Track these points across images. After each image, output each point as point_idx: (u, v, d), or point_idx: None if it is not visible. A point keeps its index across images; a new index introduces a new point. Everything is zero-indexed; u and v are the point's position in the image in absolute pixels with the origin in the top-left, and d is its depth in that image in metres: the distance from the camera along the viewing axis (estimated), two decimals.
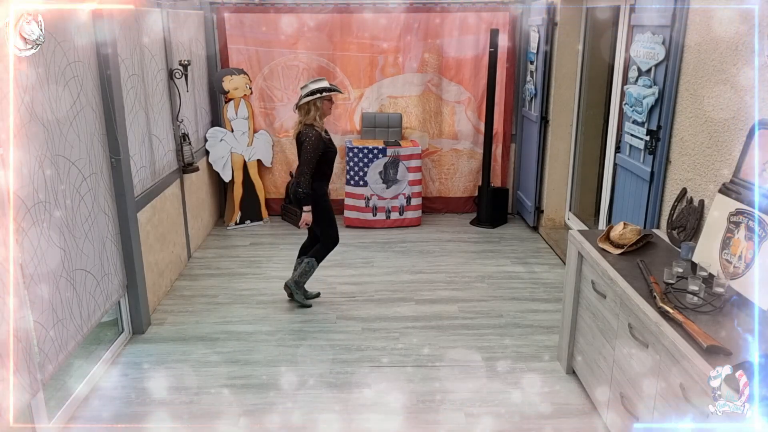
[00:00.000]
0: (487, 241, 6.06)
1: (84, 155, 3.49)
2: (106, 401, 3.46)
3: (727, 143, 3.06)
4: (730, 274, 2.72)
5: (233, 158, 6.28)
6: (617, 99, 4.89)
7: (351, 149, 6.21)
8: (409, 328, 4.27)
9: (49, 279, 3.07)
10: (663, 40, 3.59)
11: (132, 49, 4.25)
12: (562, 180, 6.10)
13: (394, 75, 6.48)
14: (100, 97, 3.69)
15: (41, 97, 3.03)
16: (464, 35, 6.38)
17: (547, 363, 3.82)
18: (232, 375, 3.70)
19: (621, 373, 2.89)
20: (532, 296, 4.79)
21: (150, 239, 4.46)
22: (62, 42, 3.24)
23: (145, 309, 4.23)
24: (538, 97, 6.01)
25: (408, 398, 3.47)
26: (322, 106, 4.18)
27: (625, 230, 3.22)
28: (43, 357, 2.99)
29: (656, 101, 3.68)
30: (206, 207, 6.13)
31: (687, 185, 3.43)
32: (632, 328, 2.73)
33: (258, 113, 6.54)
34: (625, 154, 4.13)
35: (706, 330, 2.33)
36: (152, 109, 4.62)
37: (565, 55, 5.74)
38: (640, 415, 2.68)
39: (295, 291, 4.56)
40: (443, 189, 6.86)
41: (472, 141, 6.72)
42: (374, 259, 5.53)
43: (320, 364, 3.82)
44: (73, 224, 3.35)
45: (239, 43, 6.35)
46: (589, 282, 3.29)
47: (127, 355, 3.94)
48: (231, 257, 5.61)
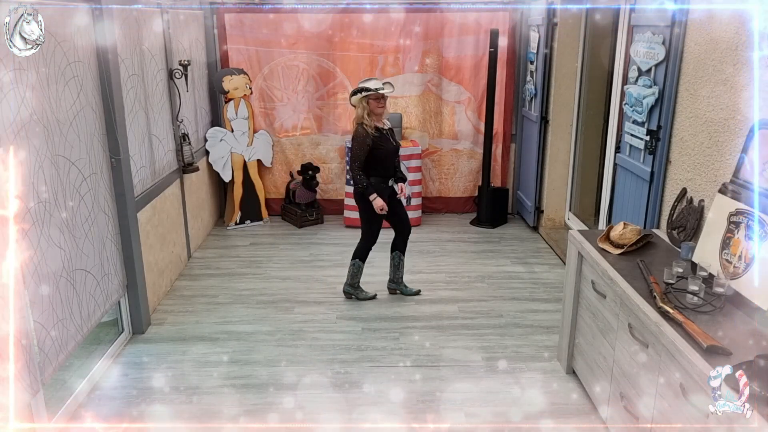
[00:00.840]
0: (487, 241, 6.06)
1: (84, 155, 3.49)
2: (106, 401, 3.46)
3: (727, 143, 3.06)
4: (730, 274, 2.71)
5: (233, 158, 6.28)
6: (617, 99, 4.89)
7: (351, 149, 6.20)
8: (409, 328, 4.27)
9: (49, 279, 3.07)
10: (663, 40, 3.59)
11: (132, 49, 4.25)
12: (562, 180, 6.10)
13: (394, 75, 6.48)
14: (100, 97, 3.69)
15: (41, 97, 3.03)
16: (464, 35, 6.38)
17: (547, 363, 3.82)
18: (232, 375, 3.70)
19: (621, 373, 2.89)
20: (532, 296, 4.79)
21: (150, 239, 4.46)
22: (62, 42, 3.24)
23: (145, 309, 4.23)
24: (538, 97, 6.01)
25: (408, 398, 3.47)
26: (369, 105, 4.33)
27: (625, 230, 3.22)
28: (43, 357, 2.99)
29: (656, 101, 3.68)
30: (206, 207, 6.13)
31: (687, 185, 3.43)
32: (632, 328, 2.73)
33: (258, 113, 6.54)
34: (625, 154, 4.13)
35: (706, 330, 2.33)
36: (152, 109, 4.62)
37: (565, 55, 5.74)
38: (640, 415, 2.68)
39: (354, 293, 4.70)
40: (443, 189, 6.86)
41: (472, 141, 6.72)
42: (374, 259, 5.51)
43: (320, 364, 3.82)
44: (73, 224, 3.36)
45: (239, 43, 6.35)
46: (589, 282, 3.29)
47: (127, 355, 3.94)
48: (231, 257, 5.61)
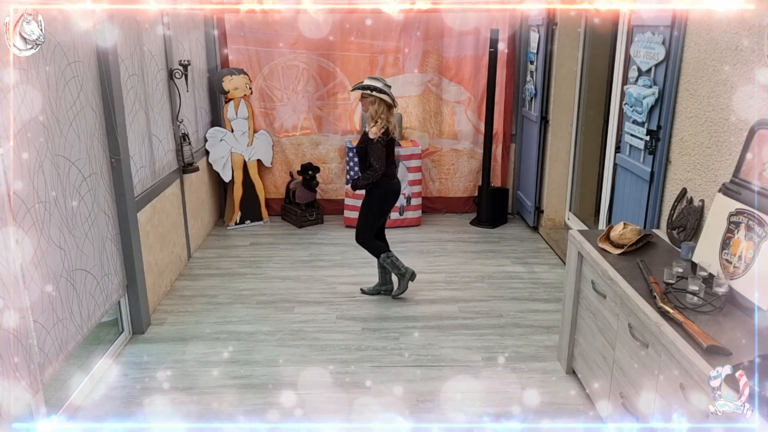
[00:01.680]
0: (487, 241, 6.06)
1: (84, 155, 3.49)
2: (106, 401, 3.46)
3: (727, 143, 3.06)
4: (730, 274, 2.71)
5: (233, 158, 6.28)
6: (617, 99, 4.89)
7: (351, 149, 6.21)
8: (409, 328, 4.27)
9: (49, 279, 3.07)
10: (663, 40, 3.59)
11: (132, 49, 4.25)
12: (562, 180, 6.10)
13: (394, 75, 6.48)
14: (100, 97, 3.69)
15: (41, 97, 3.03)
16: (464, 35, 6.39)
17: (547, 363, 3.82)
18: (232, 375, 3.70)
19: (621, 373, 2.89)
20: (532, 296, 4.79)
21: (150, 239, 4.46)
22: (62, 42, 3.24)
23: (145, 309, 4.23)
24: (538, 97, 6.01)
25: (408, 398, 3.47)
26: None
27: (625, 230, 3.22)
28: (43, 357, 2.99)
29: (656, 101, 3.68)
30: (206, 207, 6.13)
31: (687, 185, 3.43)
32: (632, 328, 2.73)
33: (258, 113, 6.54)
34: (625, 154, 4.13)
35: (706, 330, 2.33)
36: (152, 109, 4.62)
37: (565, 55, 5.74)
38: (640, 415, 2.68)
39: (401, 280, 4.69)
40: (443, 189, 6.86)
41: (472, 141, 6.72)
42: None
43: (320, 364, 3.82)
44: (73, 224, 3.35)
45: (239, 43, 6.35)
46: (589, 282, 3.29)
47: (127, 355, 3.94)
48: (231, 257, 5.61)
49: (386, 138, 4.33)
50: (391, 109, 4.35)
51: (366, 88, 4.28)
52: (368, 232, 4.61)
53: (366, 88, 4.27)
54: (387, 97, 4.27)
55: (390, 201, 4.59)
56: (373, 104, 4.29)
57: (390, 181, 4.49)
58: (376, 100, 4.28)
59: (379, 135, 4.28)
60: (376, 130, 4.28)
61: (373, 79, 4.34)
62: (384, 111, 4.30)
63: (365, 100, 4.34)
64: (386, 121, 4.31)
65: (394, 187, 4.54)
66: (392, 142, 4.47)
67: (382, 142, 4.30)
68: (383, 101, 4.27)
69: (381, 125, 4.29)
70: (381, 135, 4.29)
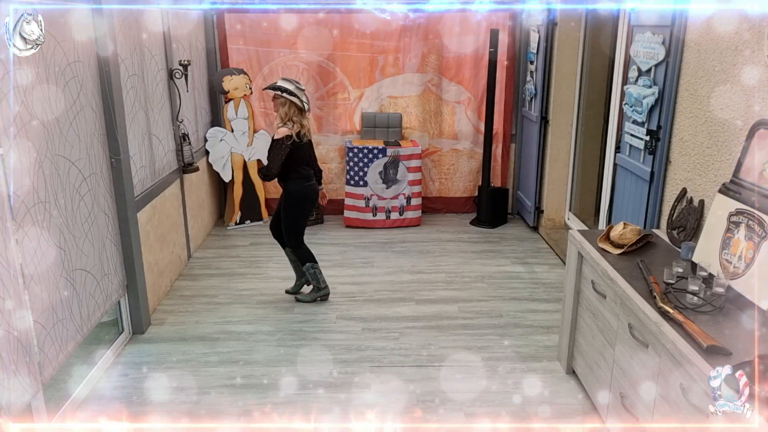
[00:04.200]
0: (487, 241, 6.06)
1: (84, 155, 3.49)
2: (106, 401, 3.47)
3: (727, 143, 3.06)
4: (730, 274, 2.72)
5: (233, 158, 6.28)
6: (617, 99, 4.89)
7: (351, 149, 6.22)
8: (409, 328, 4.27)
9: (49, 279, 3.07)
10: (663, 40, 3.59)
11: (132, 49, 4.25)
12: (562, 180, 6.10)
13: (394, 75, 6.48)
14: (100, 97, 3.69)
15: (41, 97, 3.03)
16: (464, 35, 6.38)
17: (547, 363, 3.82)
18: (232, 375, 3.70)
19: (621, 373, 2.89)
20: (532, 296, 4.79)
21: (150, 239, 4.46)
22: (62, 42, 3.24)
23: (145, 309, 4.23)
24: (538, 97, 6.01)
25: (408, 398, 3.47)
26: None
27: (625, 230, 3.22)
28: (43, 357, 2.99)
29: (656, 101, 3.68)
30: (206, 207, 6.13)
31: (687, 185, 3.43)
32: (632, 328, 2.73)
33: (258, 113, 6.54)
34: (625, 154, 4.13)
35: (706, 330, 2.33)
36: (152, 109, 4.62)
37: (565, 55, 5.74)
38: (640, 415, 2.68)
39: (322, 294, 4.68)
40: (443, 189, 6.86)
41: (472, 141, 6.72)
42: (374, 259, 5.53)
43: (320, 364, 3.82)
44: (73, 224, 3.35)
45: (239, 43, 6.35)
46: (589, 282, 3.29)
47: (127, 355, 3.94)
48: (231, 257, 5.61)
49: (300, 141, 4.28)
50: (303, 112, 4.30)
51: (277, 89, 4.24)
52: (293, 235, 4.55)
53: (277, 89, 4.24)
54: (297, 100, 4.23)
55: (307, 203, 4.51)
56: (284, 106, 4.26)
57: (304, 183, 4.42)
58: (286, 102, 4.24)
59: (284, 137, 4.22)
60: (285, 131, 4.24)
61: (285, 81, 4.30)
62: (295, 113, 4.26)
63: (276, 101, 4.30)
64: (299, 124, 4.27)
65: (309, 189, 4.47)
66: (308, 145, 4.43)
67: (284, 145, 4.22)
68: (294, 104, 4.24)
69: (294, 128, 4.25)
70: (285, 137, 4.21)
